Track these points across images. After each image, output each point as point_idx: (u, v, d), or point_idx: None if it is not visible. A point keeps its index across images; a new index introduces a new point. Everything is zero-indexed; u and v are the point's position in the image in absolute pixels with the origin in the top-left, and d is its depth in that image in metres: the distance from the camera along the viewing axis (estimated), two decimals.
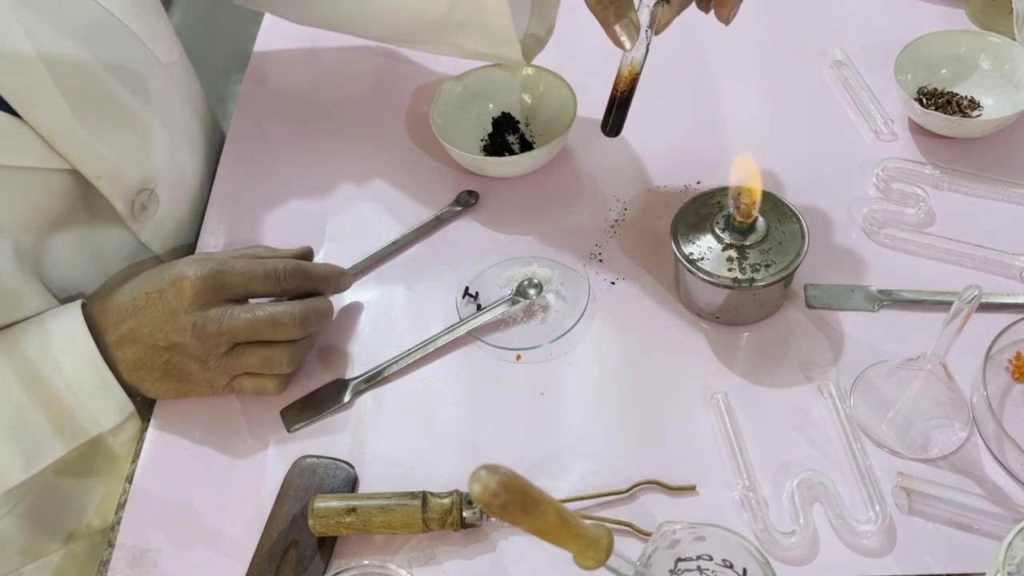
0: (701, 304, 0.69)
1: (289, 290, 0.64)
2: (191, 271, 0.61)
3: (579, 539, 0.44)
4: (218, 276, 0.61)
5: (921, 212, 0.74)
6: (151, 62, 0.73)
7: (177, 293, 0.60)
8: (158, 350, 0.61)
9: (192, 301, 0.60)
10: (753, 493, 0.60)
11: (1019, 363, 0.64)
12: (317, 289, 0.67)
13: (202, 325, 0.60)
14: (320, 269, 0.67)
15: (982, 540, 0.57)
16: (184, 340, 0.60)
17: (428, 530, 0.59)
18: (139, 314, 0.61)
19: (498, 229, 0.78)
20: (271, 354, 0.63)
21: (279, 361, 0.63)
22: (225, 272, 0.61)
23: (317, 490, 0.61)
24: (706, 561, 0.50)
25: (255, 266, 0.63)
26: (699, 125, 0.84)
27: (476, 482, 0.41)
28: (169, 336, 0.61)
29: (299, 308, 0.63)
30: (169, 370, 0.62)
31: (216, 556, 0.61)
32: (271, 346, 0.63)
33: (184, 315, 0.60)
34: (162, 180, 0.72)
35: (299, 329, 0.63)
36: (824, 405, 0.64)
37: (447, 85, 0.82)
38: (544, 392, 0.67)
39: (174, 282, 0.61)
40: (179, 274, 0.61)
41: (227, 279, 0.61)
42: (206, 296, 0.61)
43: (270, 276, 0.63)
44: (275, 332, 0.62)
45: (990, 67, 0.81)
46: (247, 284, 0.62)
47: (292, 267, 0.64)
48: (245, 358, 0.63)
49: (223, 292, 0.61)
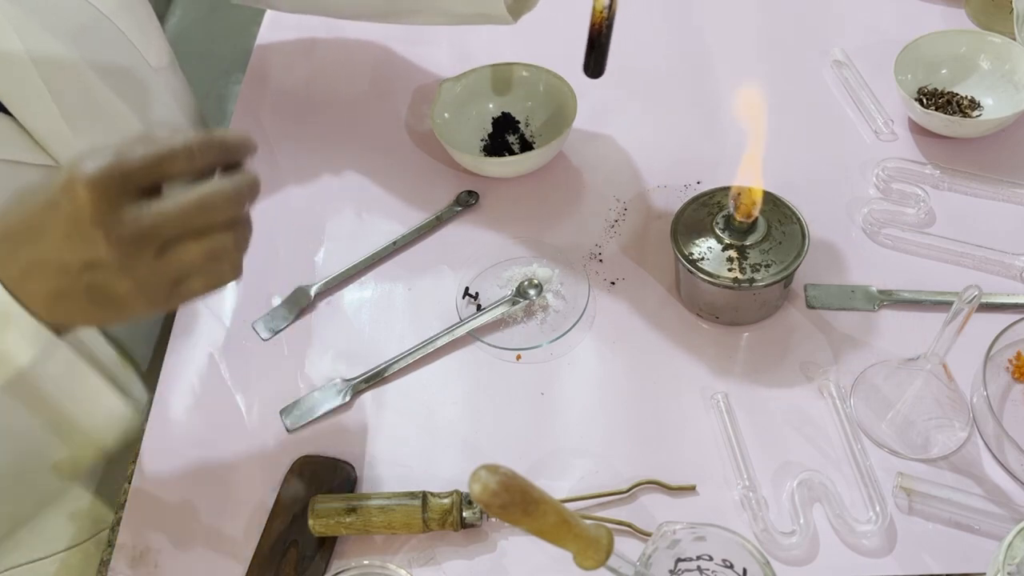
0: (701, 304, 0.69)
1: (204, 167, 0.53)
2: (81, 170, 0.49)
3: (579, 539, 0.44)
4: (116, 167, 0.49)
5: (921, 212, 0.74)
6: (140, 65, 0.73)
7: (72, 200, 0.49)
8: (73, 274, 0.51)
9: (94, 205, 0.49)
10: (753, 493, 0.60)
11: (1019, 363, 0.64)
12: (233, 160, 0.55)
13: (116, 231, 0.49)
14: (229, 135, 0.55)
15: (982, 540, 0.57)
16: (99, 254, 0.50)
17: (428, 530, 0.59)
18: (37, 238, 0.51)
19: (498, 229, 0.78)
20: (214, 243, 0.52)
21: (225, 248, 0.53)
22: (124, 161, 0.49)
23: (317, 490, 0.61)
24: (706, 561, 0.50)
25: (158, 147, 0.51)
26: (699, 125, 0.84)
27: (476, 482, 0.41)
28: (80, 254, 0.50)
29: (228, 183, 0.52)
30: (94, 295, 0.52)
31: (216, 556, 0.61)
32: (210, 235, 0.52)
33: (90, 225, 0.49)
34: None
35: (236, 206, 0.52)
36: (824, 405, 0.64)
37: (447, 85, 0.82)
38: (544, 392, 0.67)
39: (65, 188, 0.49)
40: (68, 178, 0.49)
41: (129, 169, 0.49)
42: (109, 195, 0.49)
43: (179, 154, 0.51)
44: (209, 216, 0.52)
45: (990, 67, 0.81)
46: (154, 169, 0.50)
47: (203, 141, 0.52)
48: (182, 255, 0.52)
49: (128, 185, 0.50)
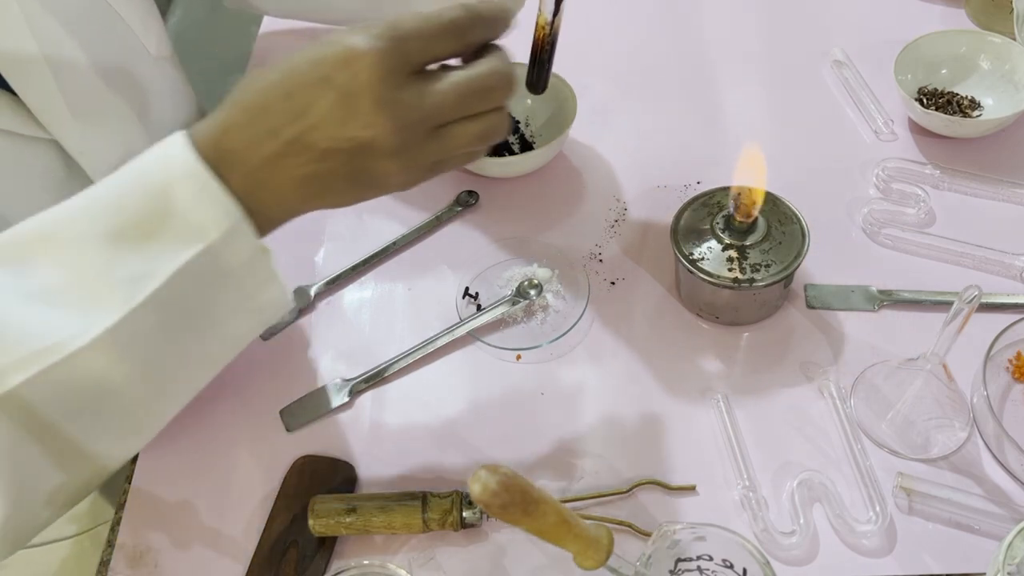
0: (701, 304, 0.69)
1: (474, 44, 0.51)
2: (363, 43, 0.46)
3: (579, 539, 0.44)
4: (397, 45, 0.47)
5: (921, 212, 0.74)
6: (140, 52, 0.73)
7: (353, 77, 0.46)
8: (340, 154, 0.49)
9: (377, 85, 0.47)
10: (753, 493, 0.60)
11: (1019, 363, 0.64)
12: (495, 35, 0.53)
13: (400, 113, 0.47)
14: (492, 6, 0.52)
15: (982, 540, 0.57)
16: (378, 135, 0.48)
17: (428, 530, 0.59)
18: (304, 114, 0.48)
19: (498, 229, 0.78)
20: (486, 126, 0.51)
21: (497, 131, 0.51)
22: (404, 39, 0.47)
23: (317, 490, 0.61)
24: (706, 561, 0.50)
25: (433, 22, 0.49)
26: (699, 125, 0.84)
27: (476, 482, 0.41)
28: (355, 134, 0.48)
29: (502, 61, 0.51)
30: (355, 176, 0.50)
31: (216, 556, 0.61)
32: (482, 117, 0.51)
33: (371, 104, 0.47)
34: None
35: (511, 87, 0.51)
36: (824, 405, 0.64)
37: None
38: (544, 392, 0.67)
39: (344, 63, 0.47)
40: (347, 51, 0.46)
41: (408, 48, 0.47)
42: (392, 75, 0.47)
43: (450, 31, 0.49)
44: (487, 101, 0.50)
45: (990, 67, 0.81)
46: (429, 48, 0.49)
47: (472, 15, 0.50)
48: (454, 139, 0.50)
49: (407, 65, 0.48)
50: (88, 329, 0.48)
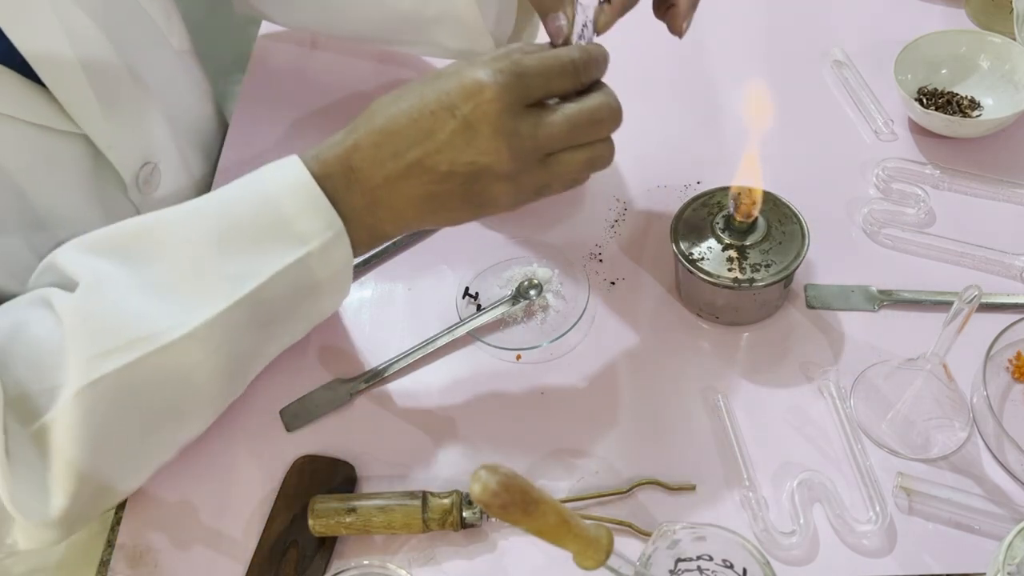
0: (701, 304, 0.69)
1: (587, 83, 0.56)
2: (487, 77, 0.51)
3: (579, 539, 0.44)
4: (519, 81, 0.52)
5: (921, 212, 0.74)
6: (165, 47, 0.77)
7: (476, 108, 0.51)
8: (458, 177, 0.53)
9: (499, 115, 0.51)
10: (753, 493, 0.60)
11: (1019, 363, 0.64)
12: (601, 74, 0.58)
13: (516, 142, 0.52)
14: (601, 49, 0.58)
15: (982, 540, 0.57)
16: (495, 161, 0.53)
17: (428, 530, 0.59)
18: (429, 139, 0.53)
19: (498, 229, 0.78)
20: (592, 155, 0.56)
21: (603, 160, 0.56)
22: (524, 74, 0.53)
23: (317, 490, 0.61)
24: (706, 561, 0.50)
25: (550, 62, 0.54)
26: (699, 125, 0.84)
27: (476, 482, 0.41)
28: (475, 160, 0.52)
29: (612, 97, 0.56)
30: (469, 197, 0.55)
31: (216, 556, 0.61)
32: (589, 146, 0.56)
33: (493, 133, 0.52)
34: (164, 158, 0.74)
35: (619, 119, 0.56)
36: (824, 405, 0.64)
37: None
38: (544, 392, 0.67)
39: (470, 94, 0.52)
40: (474, 84, 0.52)
41: (529, 82, 0.53)
42: (512, 106, 0.52)
43: (568, 70, 0.54)
44: (596, 132, 0.55)
45: (990, 67, 0.81)
46: (548, 85, 0.54)
47: (587, 57, 0.56)
48: (562, 167, 0.55)
49: (527, 98, 0.53)
50: (186, 321, 0.52)
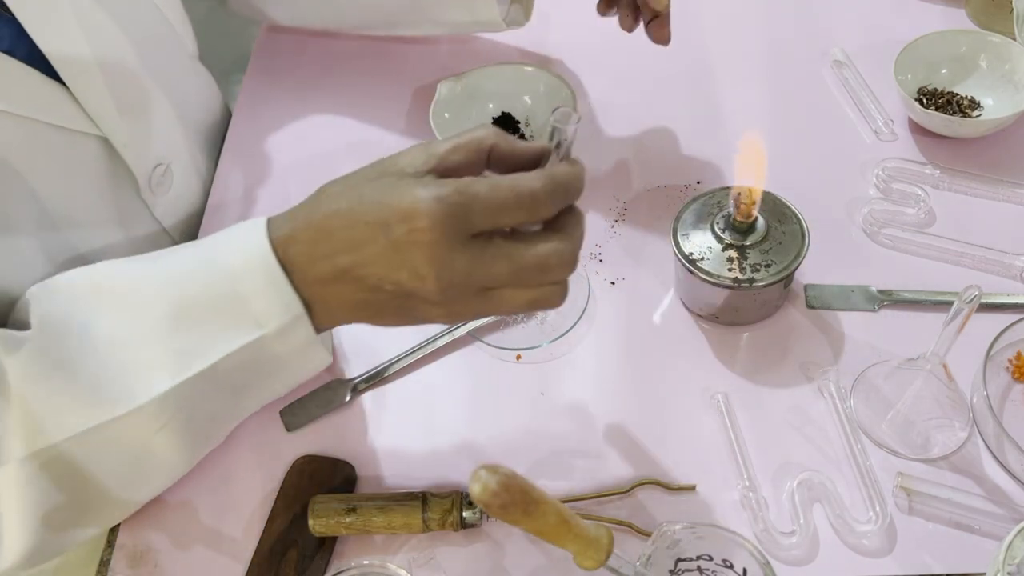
0: (701, 304, 0.69)
1: (548, 216, 0.49)
2: (425, 204, 0.46)
3: (579, 539, 0.44)
4: (461, 211, 0.47)
5: (921, 212, 0.74)
6: (181, 51, 0.78)
7: (409, 233, 0.47)
8: (386, 293, 0.50)
9: (430, 245, 0.47)
10: (753, 493, 0.60)
11: (1019, 363, 0.64)
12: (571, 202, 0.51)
13: (448, 275, 0.48)
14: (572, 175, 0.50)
15: (982, 540, 0.57)
16: (421, 289, 0.48)
17: (428, 530, 0.59)
18: (358, 250, 0.49)
19: None
20: (537, 297, 0.50)
21: (548, 303, 0.51)
22: (469, 205, 0.47)
23: (317, 490, 0.61)
24: (706, 561, 0.50)
25: (504, 192, 0.47)
26: (699, 125, 0.84)
27: (476, 482, 0.41)
28: (402, 283, 0.49)
29: (569, 247, 0.49)
30: (401, 312, 0.51)
31: (216, 556, 0.61)
32: (536, 288, 0.50)
33: (421, 262, 0.47)
34: (176, 160, 0.75)
35: (571, 269, 0.50)
36: (824, 405, 0.64)
37: (447, 85, 0.82)
38: (544, 392, 0.67)
39: (404, 216, 0.47)
40: (410, 207, 0.47)
41: (472, 214, 0.47)
42: (448, 240, 0.47)
43: (523, 204, 0.48)
44: (541, 279, 0.49)
45: (990, 67, 0.81)
46: (496, 218, 0.48)
47: (550, 190, 0.48)
48: (502, 304, 0.50)
49: (468, 230, 0.47)
50: (136, 395, 0.51)
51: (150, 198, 0.72)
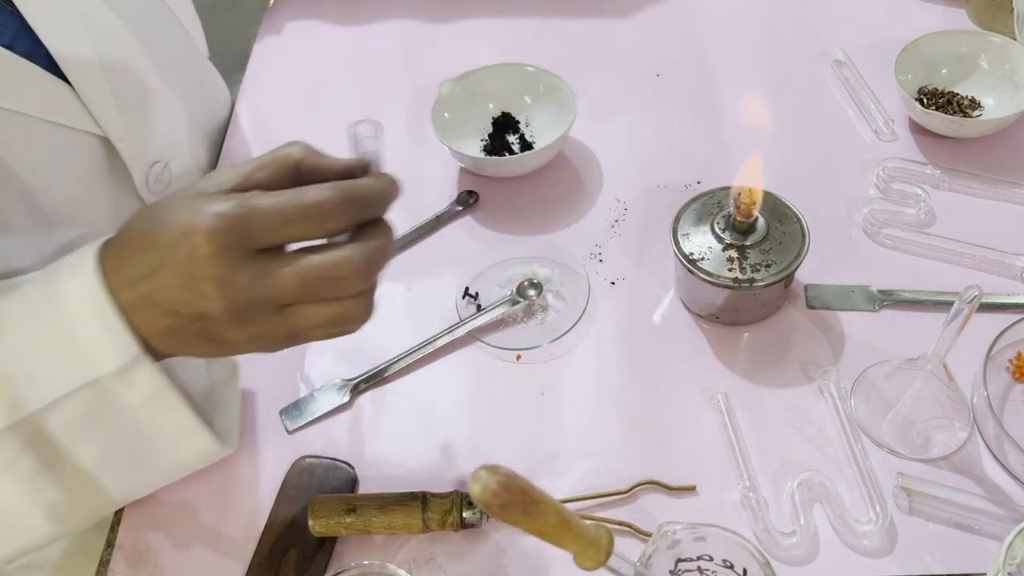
0: (701, 304, 0.69)
1: (338, 231, 0.48)
2: (203, 220, 0.45)
3: (579, 539, 0.44)
4: (240, 224, 0.45)
5: (921, 212, 0.74)
6: (193, 52, 0.79)
7: (189, 252, 0.45)
8: (185, 317, 0.48)
9: (211, 261, 0.45)
10: (753, 493, 0.60)
11: (1019, 363, 0.64)
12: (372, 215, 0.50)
13: (230, 294, 0.46)
14: (372, 187, 0.49)
15: (982, 540, 0.57)
16: (210, 310, 0.47)
17: (428, 530, 0.59)
18: (154, 275, 0.47)
19: (498, 229, 0.78)
20: (338, 312, 0.49)
21: (350, 319, 0.50)
22: (250, 217, 0.45)
23: (317, 490, 0.61)
24: (706, 561, 0.50)
25: (290, 204, 0.46)
26: (699, 125, 0.84)
27: (476, 482, 0.41)
28: (193, 304, 0.47)
29: (360, 254, 0.48)
30: (206, 337, 0.49)
31: (216, 556, 0.61)
32: (333, 302, 0.49)
33: (204, 280, 0.46)
34: (175, 158, 0.75)
35: (365, 280, 0.48)
36: (824, 405, 0.64)
37: (447, 85, 0.82)
38: (544, 392, 0.67)
39: (184, 235, 0.45)
40: (188, 224, 0.45)
41: (253, 227, 0.45)
42: (227, 254, 0.46)
43: (310, 215, 0.46)
44: (334, 291, 0.48)
45: (990, 67, 0.81)
46: (281, 230, 0.46)
47: (340, 199, 0.47)
48: (302, 321, 0.49)
49: (250, 243, 0.46)
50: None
51: (148, 196, 0.72)
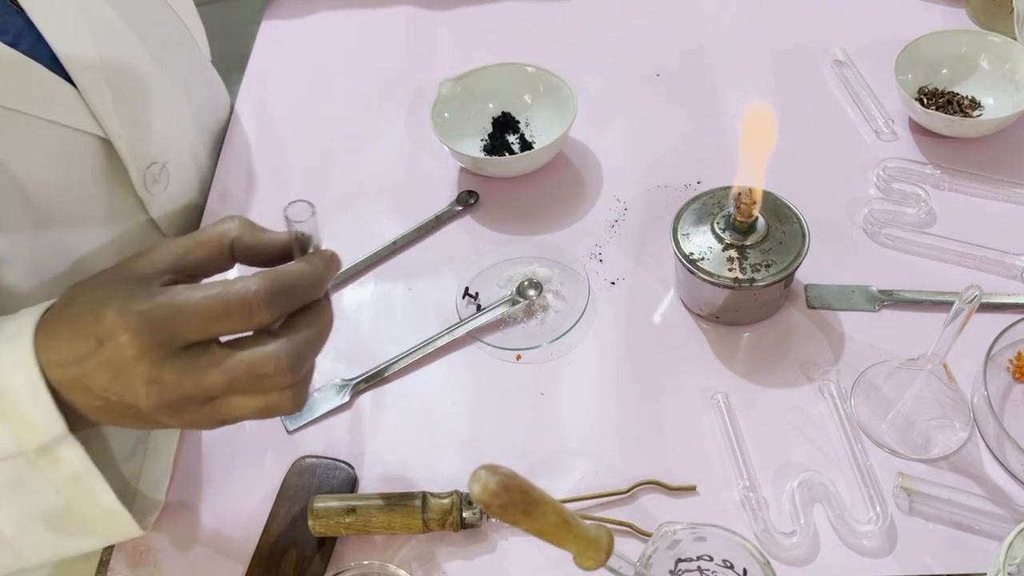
0: (701, 304, 0.69)
1: (267, 324, 0.47)
2: (128, 320, 0.45)
3: (579, 539, 0.44)
4: (165, 324, 0.45)
5: (921, 212, 0.74)
6: (195, 51, 0.79)
7: (116, 350, 0.45)
8: (116, 404, 0.48)
9: (135, 360, 0.45)
10: (753, 493, 0.59)
11: (1020, 363, 0.64)
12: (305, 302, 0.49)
13: (158, 392, 0.46)
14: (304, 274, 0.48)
15: (982, 540, 0.57)
16: (139, 403, 0.47)
17: (428, 530, 0.59)
18: (84, 363, 0.47)
19: (498, 229, 0.78)
20: (266, 404, 0.48)
21: (278, 410, 0.49)
22: (175, 315, 0.45)
23: (317, 490, 0.61)
24: (706, 562, 0.50)
25: (215, 300, 0.45)
26: (699, 125, 0.84)
27: (476, 482, 0.40)
28: (122, 396, 0.47)
29: (286, 350, 0.47)
30: (142, 421, 0.49)
31: (216, 556, 0.61)
32: (263, 394, 0.48)
33: (131, 378, 0.46)
34: (173, 158, 0.75)
35: (292, 375, 0.47)
36: (824, 405, 0.64)
37: (447, 85, 0.82)
38: (544, 392, 0.67)
39: (110, 333, 0.45)
40: (114, 324, 0.45)
41: (179, 326, 0.45)
42: (153, 353, 0.45)
43: (235, 312, 0.46)
44: (258, 387, 0.47)
45: (990, 67, 0.81)
46: (206, 327, 0.46)
47: (267, 293, 0.46)
48: (233, 410, 0.48)
49: (176, 341, 0.46)
50: None
51: (145, 196, 0.72)
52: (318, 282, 0.49)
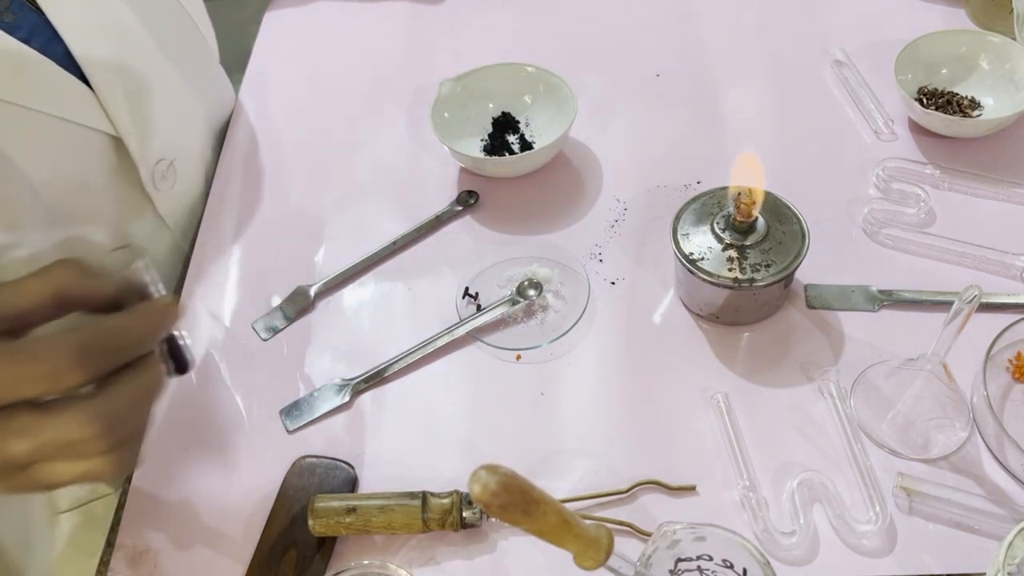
0: (701, 304, 0.69)
1: (78, 386, 0.42)
2: None
3: (579, 539, 0.44)
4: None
5: (921, 212, 0.74)
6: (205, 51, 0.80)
7: None
8: None
9: None
10: (753, 493, 0.60)
11: (1019, 363, 0.64)
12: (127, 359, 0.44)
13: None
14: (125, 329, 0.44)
15: (982, 540, 0.57)
16: None
17: (428, 530, 0.59)
18: None
19: (498, 229, 0.78)
20: (84, 470, 0.43)
21: (99, 476, 0.44)
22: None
23: (317, 490, 0.61)
24: (706, 561, 0.50)
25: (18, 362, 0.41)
26: (699, 125, 0.84)
27: (476, 482, 0.41)
28: None
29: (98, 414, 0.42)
30: None
31: (216, 556, 0.61)
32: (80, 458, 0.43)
33: None
34: (181, 157, 0.75)
35: (107, 440, 0.42)
36: (824, 405, 0.64)
37: (447, 85, 0.82)
38: (544, 392, 0.67)
39: None
40: None
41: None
42: None
43: (39, 376, 0.41)
44: (68, 455, 0.43)
45: (990, 67, 0.81)
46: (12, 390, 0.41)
47: (78, 353, 0.41)
48: (52, 476, 0.44)
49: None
50: None
51: (153, 193, 0.72)
52: (143, 336, 0.44)
